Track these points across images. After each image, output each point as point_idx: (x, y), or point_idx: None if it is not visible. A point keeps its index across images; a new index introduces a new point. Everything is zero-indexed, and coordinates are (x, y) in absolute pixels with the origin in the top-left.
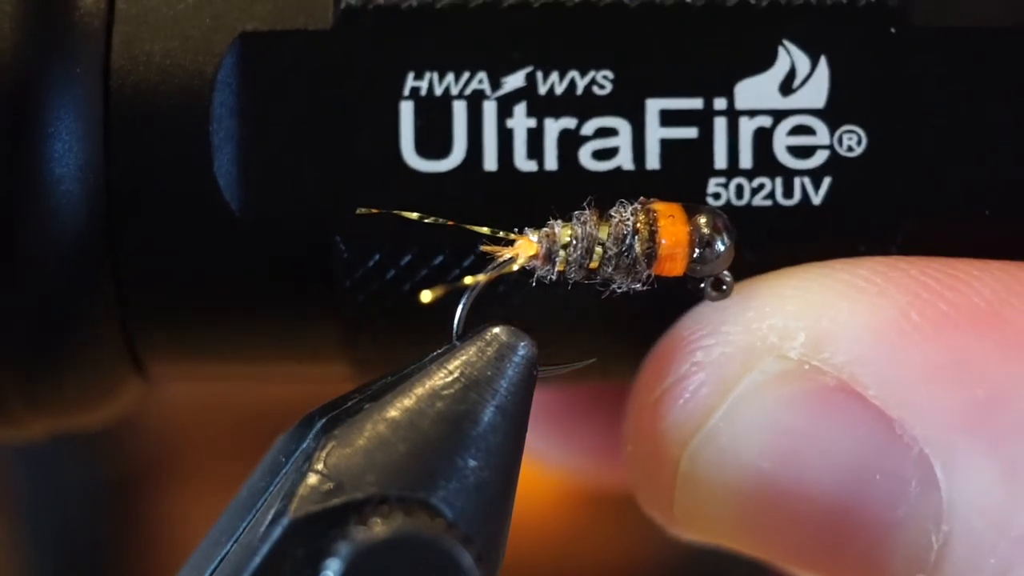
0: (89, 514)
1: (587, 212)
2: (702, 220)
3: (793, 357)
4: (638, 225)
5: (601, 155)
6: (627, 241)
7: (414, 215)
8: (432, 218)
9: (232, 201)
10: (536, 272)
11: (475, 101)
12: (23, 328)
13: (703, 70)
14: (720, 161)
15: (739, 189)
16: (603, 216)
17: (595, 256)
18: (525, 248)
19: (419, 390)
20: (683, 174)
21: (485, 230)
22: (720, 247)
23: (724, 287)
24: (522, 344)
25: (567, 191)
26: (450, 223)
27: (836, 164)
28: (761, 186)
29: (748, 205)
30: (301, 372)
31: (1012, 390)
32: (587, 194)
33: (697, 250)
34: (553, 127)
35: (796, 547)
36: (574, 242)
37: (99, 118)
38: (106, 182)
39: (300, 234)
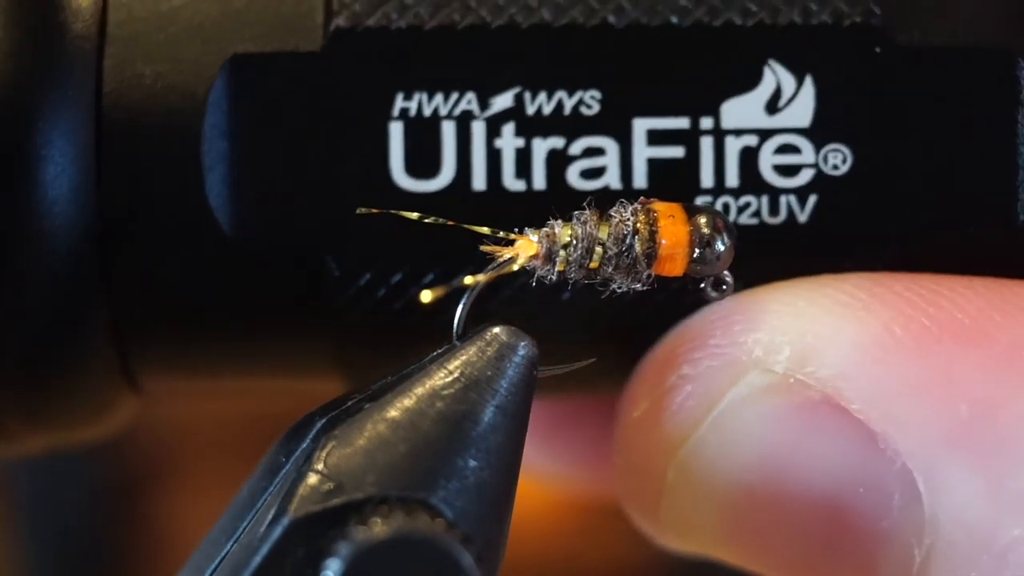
0: (90, 515)
1: (587, 212)
2: (702, 220)
3: (778, 371)
4: (638, 225)
5: (589, 174)
6: (627, 241)
7: (414, 215)
8: (432, 218)
9: (223, 221)
10: (536, 272)
11: (464, 121)
12: (18, 347)
13: (689, 90)
14: (707, 180)
15: (725, 207)
16: (603, 216)
17: (595, 256)
18: (525, 248)
19: (419, 390)
20: (670, 193)
21: (485, 230)
22: (720, 247)
23: (724, 287)
24: (522, 344)
25: (555, 210)
26: (450, 223)
27: (821, 182)
28: (747, 204)
29: (734, 223)
30: (295, 387)
31: (994, 406)
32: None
33: (697, 250)
34: (541, 147)
35: (781, 558)
36: (574, 242)
37: (91, 141)
38: (99, 204)
39: (291, 254)
